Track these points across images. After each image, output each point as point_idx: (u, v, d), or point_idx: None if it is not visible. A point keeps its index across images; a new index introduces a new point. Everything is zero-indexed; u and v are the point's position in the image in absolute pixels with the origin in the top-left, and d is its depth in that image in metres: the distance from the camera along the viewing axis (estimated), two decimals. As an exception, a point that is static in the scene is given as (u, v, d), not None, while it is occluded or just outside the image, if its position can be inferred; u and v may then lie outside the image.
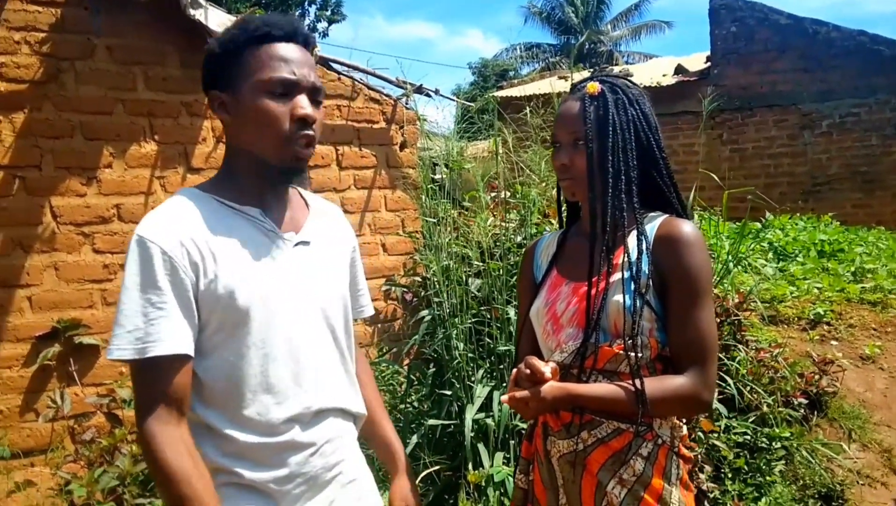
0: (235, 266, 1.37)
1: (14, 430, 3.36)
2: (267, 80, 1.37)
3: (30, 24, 3.40)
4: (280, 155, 1.40)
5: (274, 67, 1.38)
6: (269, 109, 1.37)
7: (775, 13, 10.23)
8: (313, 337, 1.46)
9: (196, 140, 3.82)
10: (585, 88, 1.65)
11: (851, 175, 9.85)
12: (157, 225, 1.33)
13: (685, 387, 1.50)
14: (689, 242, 1.54)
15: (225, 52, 1.41)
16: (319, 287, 1.48)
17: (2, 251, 3.35)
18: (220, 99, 1.42)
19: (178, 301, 1.31)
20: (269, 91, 1.38)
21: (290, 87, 1.39)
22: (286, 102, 1.39)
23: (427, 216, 4.00)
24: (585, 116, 1.61)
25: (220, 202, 1.42)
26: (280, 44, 1.40)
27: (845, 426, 3.88)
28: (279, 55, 1.39)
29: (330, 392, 1.48)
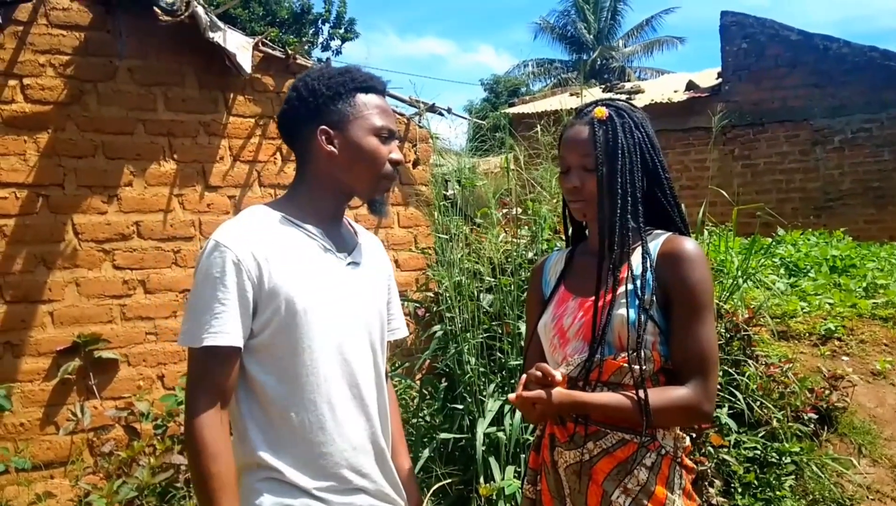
0: (295, 275, 1.54)
1: (35, 442, 3.43)
2: (380, 125, 1.61)
3: (54, 47, 3.51)
4: (375, 189, 1.65)
5: (382, 116, 1.63)
6: (378, 150, 1.61)
7: (786, 29, 10.27)
8: (359, 346, 1.63)
9: (214, 159, 3.91)
10: (593, 113, 1.71)
11: (864, 190, 9.83)
12: (231, 233, 1.52)
13: (687, 398, 1.56)
14: (691, 259, 1.60)
15: (335, 95, 1.60)
16: (367, 303, 1.67)
17: (25, 267, 3.44)
18: (329, 134, 1.60)
19: (240, 301, 1.49)
20: (378, 135, 1.61)
21: (392, 135, 1.64)
22: (386, 143, 1.63)
23: (439, 232, 4.06)
24: (595, 141, 1.67)
25: (286, 219, 1.59)
26: (381, 95, 1.66)
27: (855, 442, 3.89)
28: (383, 106, 1.65)
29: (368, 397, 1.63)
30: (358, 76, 1.62)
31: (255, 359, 1.54)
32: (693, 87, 11.26)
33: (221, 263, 1.49)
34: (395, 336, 1.84)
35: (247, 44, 3.90)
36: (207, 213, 3.89)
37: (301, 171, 1.67)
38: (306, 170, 1.65)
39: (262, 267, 1.51)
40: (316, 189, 1.64)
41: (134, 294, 3.67)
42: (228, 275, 1.48)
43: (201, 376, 1.49)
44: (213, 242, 1.51)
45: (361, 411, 1.61)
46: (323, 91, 1.59)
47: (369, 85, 1.62)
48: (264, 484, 1.51)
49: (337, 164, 1.60)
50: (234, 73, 3.87)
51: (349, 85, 1.60)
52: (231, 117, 3.97)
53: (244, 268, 1.49)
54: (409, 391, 3.94)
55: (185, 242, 3.81)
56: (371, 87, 1.62)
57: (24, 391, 3.42)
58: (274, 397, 1.53)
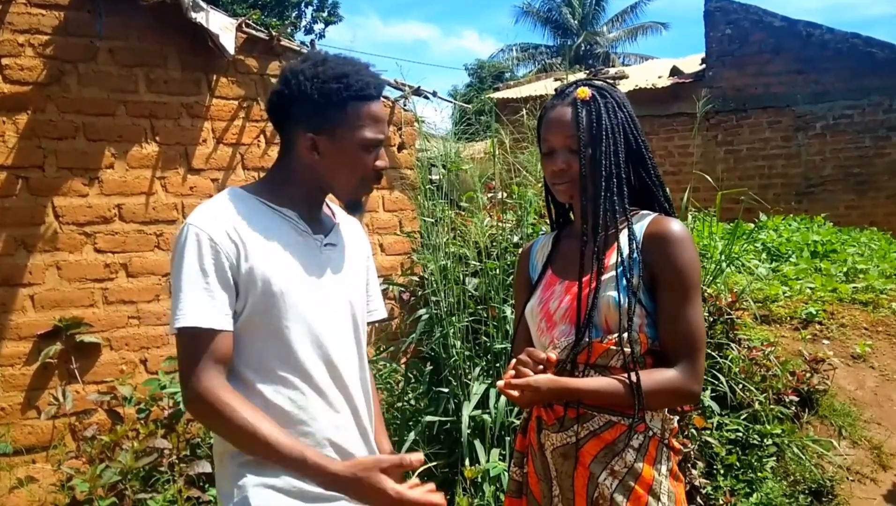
0: (271, 257, 1.54)
1: (16, 427, 3.39)
2: (365, 137, 1.58)
3: (33, 26, 3.44)
4: (354, 194, 1.65)
5: (371, 127, 1.59)
6: (362, 161, 1.60)
7: (769, 16, 10.30)
8: (337, 326, 1.63)
9: (196, 141, 3.87)
10: (575, 94, 1.70)
11: (845, 176, 9.92)
12: (206, 217, 1.53)
13: (675, 379, 1.56)
14: (678, 240, 1.60)
15: (327, 102, 1.56)
16: (344, 284, 1.67)
17: (5, 251, 3.39)
18: (314, 141, 1.58)
19: (221, 283, 1.49)
20: (364, 146, 1.59)
21: (379, 143, 1.62)
22: (373, 154, 1.61)
23: (425, 216, 4.05)
24: (579, 122, 1.66)
25: (261, 202, 1.60)
26: (374, 104, 1.60)
27: (836, 424, 3.95)
28: (374, 115, 1.60)
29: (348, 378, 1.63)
30: (353, 83, 1.56)
31: (235, 340, 1.53)
32: (677, 72, 11.27)
33: (198, 246, 1.49)
34: (373, 317, 1.84)
35: (230, 25, 3.85)
36: (190, 196, 3.85)
37: (283, 159, 1.66)
38: (288, 161, 1.64)
39: (239, 248, 1.51)
40: (295, 179, 1.63)
41: (116, 278, 3.63)
42: (206, 257, 1.49)
43: (192, 355, 1.47)
44: (188, 225, 1.51)
45: (342, 390, 1.61)
46: (314, 97, 1.55)
47: (364, 93, 1.57)
48: (246, 467, 1.51)
49: (319, 167, 1.60)
50: (216, 55, 3.82)
51: (342, 93, 1.55)
52: (214, 99, 3.93)
53: (221, 250, 1.49)
54: (394, 375, 3.94)
55: (167, 225, 3.77)
56: (366, 94, 1.57)
57: (4, 375, 3.38)
58: (253, 378, 1.53)
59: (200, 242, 1.49)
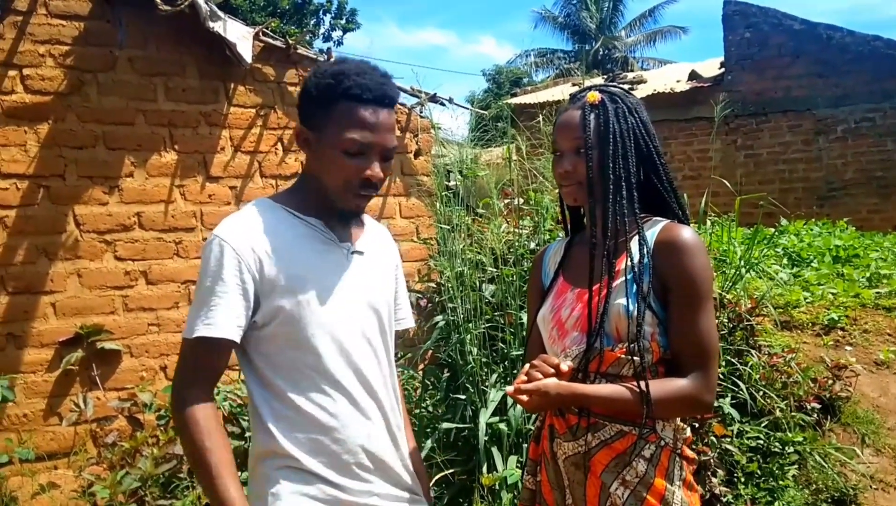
0: (296, 267, 1.55)
1: (38, 433, 3.44)
2: (348, 139, 1.53)
3: (54, 37, 3.49)
4: (342, 200, 1.59)
5: (357, 130, 1.53)
6: (343, 165, 1.55)
7: (789, 19, 10.21)
8: (364, 335, 1.63)
9: (215, 149, 3.90)
10: (585, 98, 1.70)
11: (867, 180, 9.80)
12: (232, 228, 1.55)
13: (687, 389, 1.55)
14: (689, 248, 1.59)
15: (319, 98, 1.56)
16: (371, 292, 1.67)
17: (26, 259, 3.43)
18: (306, 136, 1.59)
19: (239, 294, 1.51)
20: (346, 149, 1.53)
21: (365, 149, 1.54)
22: (360, 160, 1.54)
23: (441, 223, 4.05)
24: (586, 125, 1.66)
25: (288, 212, 1.61)
26: (367, 107, 1.53)
27: (858, 431, 3.89)
28: (364, 119, 1.53)
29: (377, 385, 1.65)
30: (348, 81, 1.53)
31: (263, 351, 1.57)
32: (696, 76, 11.21)
33: (219, 257, 1.52)
34: (401, 326, 1.85)
35: (247, 34, 3.88)
36: (209, 203, 3.88)
37: (303, 166, 1.70)
38: (304, 163, 1.68)
39: (263, 260, 1.53)
40: (306, 185, 1.65)
41: (136, 285, 3.67)
42: (227, 269, 1.51)
43: (191, 365, 1.52)
44: (214, 236, 1.55)
45: (372, 398, 1.62)
46: (312, 92, 1.57)
47: (355, 93, 1.52)
48: (281, 472, 1.54)
49: (313, 164, 1.62)
50: (234, 64, 3.86)
51: (335, 90, 1.54)
52: (232, 108, 3.96)
53: (243, 261, 1.51)
54: (411, 382, 3.94)
55: (186, 232, 3.80)
56: (356, 95, 1.52)
57: (27, 382, 3.42)
58: (284, 387, 1.56)
59: (224, 253, 1.52)
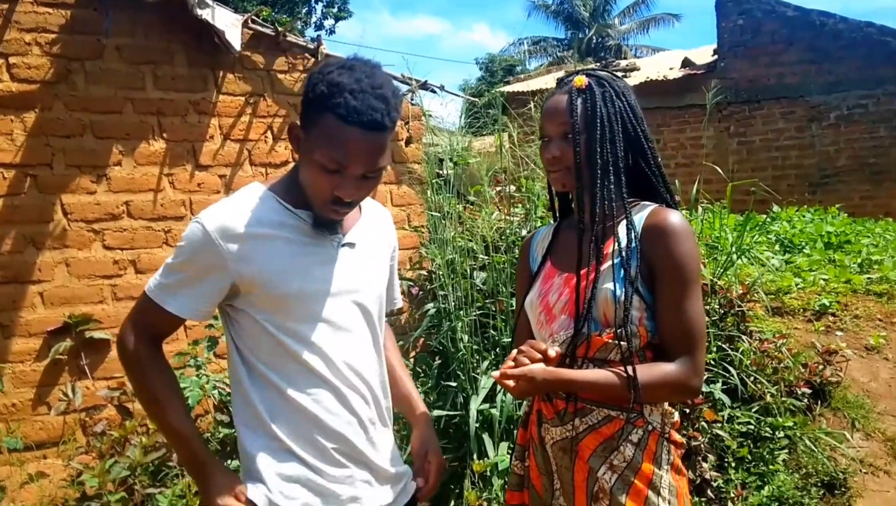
0: (278, 259, 1.55)
1: (27, 423, 3.42)
2: (324, 155, 1.47)
3: (40, 25, 3.46)
4: (316, 208, 1.56)
5: (335, 148, 1.46)
6: (316, 178, 1.51)
7: (782, 5, 10.20)
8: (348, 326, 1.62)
9: (204, 138, 3.87)
10: (572, 82, 1.68)
11: (859, 167, 9.81)
12: (216, 215, 1.55)
13: (675, 373, 1.54)
14: (677, 232, 1.58)
15: (312, 102, 1.50)
16: (360, 283, 1.65)
17: (14, 248, 3.41)
18: (297, 133, 1.56)
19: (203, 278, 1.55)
20: (321, 164, 1.48)
21: (340, 168, 1.48)
22: (335, 176, 1.49)
23: (432, 211, 4.05)
24: (573, 109, 1.64)
25: (278, 201, 1.59)
26: (352, 128, 1.44)
27: (849, 416, 3.90)
28: (346, 139, 1.45)
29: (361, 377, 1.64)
30: (339, 98, 1.44)
31: (245, 337, 1.59)
32: (689, 64, 11.19)
33: (197, 240, 1.54)
34: (390, 308, 1.84)
35: (236, 21, 3.85)
36: (198, 192, 3.86)
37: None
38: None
39: (243, 250, 1.52)
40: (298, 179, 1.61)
41: (125, 274, 3.65)
42: (200, 253, 1.53)
43: (141, 316, 1.62)
44: (197, 219, 1.55)
45: (353, 390, 1.61)
46: (309, 93, 1.52)
47: (341, 113, 1.44)
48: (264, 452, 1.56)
49: (299, 160, 1.60)
50: (223, 51, 3.83)
51: (326, 101, 1.46)
52: (221, 96, 3.93)
53: (222, 249, 1.52)
54: (402, 370, 3.94)
55: (175, 221, 3.78)
56: (342, 115, 1.44)
57: (15, 372, 3.41)
58: (268, 374, 1.57)
59: (200, 237, 1.52)
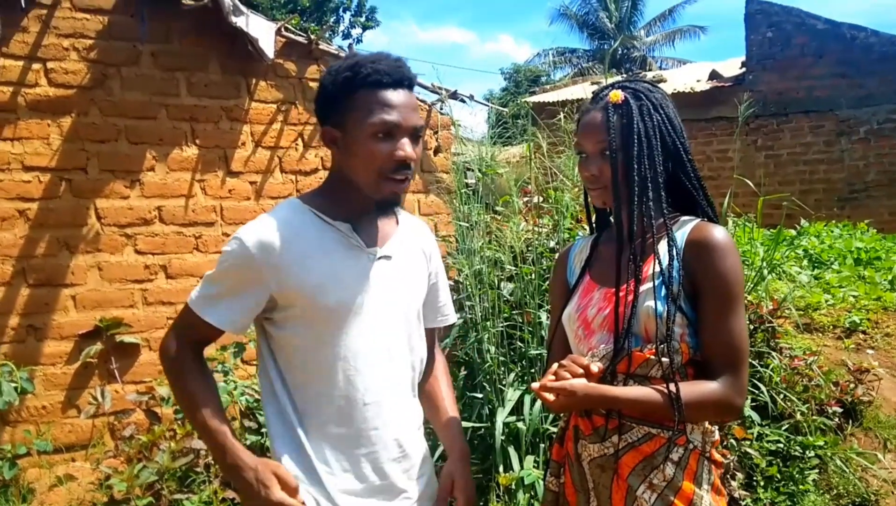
0: (318, 273, 1.55)
1: (56, 425, 3.46)
2: (375, 122, 1.51)
3: (78, 31, 3.51)
4: (378, 190, 1.57)
5: (381, 112, 1.52)
6: (373, 150, 1.53)
7: (812, 18, 10.12)
8: (384, 342, 1.63)
9: (235, 144, 3.91)
10: (608, 97, 1.65)
11: (889, 182, 9.68)
12: (256, 231, 1.56)
13: (718, 392, 1.51)
14: (721, 248, 1.55)
15: (338, 93, 1.55)
16: (395, 298, 1.65)
17: (48, 251, 3.45)
18: (332, 135, 1.58)
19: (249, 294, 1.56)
20: (374, 134, 1.52)
21: (393, 130, 1.53)
22: (390, 143, 1.53)
23: (460, 220, 4.04)
24: (609, 126, 1.61)
25: (315, 215, 1.60)
26: (388, 90, 1.53)
27: (881, 436, 3.84)
28: (387, 101, 1.52)
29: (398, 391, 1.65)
30: (363, 70, 1.52)
31: (283, 352, 1.61)
32: (716, 76, 11.12)
33: (237, 256, 1.55)
34: (444, 323, 1.85)
35: (269, 29, 3.89)
36: (229, 198, 3.89)
37: (331, 166, 1.69)
38: (332, 163, 1.67)
39: (283, 265, 1.54)
40: (339, 183, 1.63)
41: (155, 279, 3.68)
42: (239, 268, 1.55)
43: (185, 326, 1.64)
44: (237, 236, 1.57)
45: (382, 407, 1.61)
46: (329, 88, 1.57)
47: (374, 79, 1.52)
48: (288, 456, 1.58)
49: (342, 162, 1.60)
50: (256, 59, 3.86)
51: (353, 81, 1.53)
52: (253, 103, 3.96)
53: (263, 264, 1.53)
54: (428, 379, 3.93)
55: (206, 227, 3.81)
56: (376, 80, 1.52)
57: (46, 374, 3.45)
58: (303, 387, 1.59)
59: (239, 253, 1.54)
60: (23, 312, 3.40)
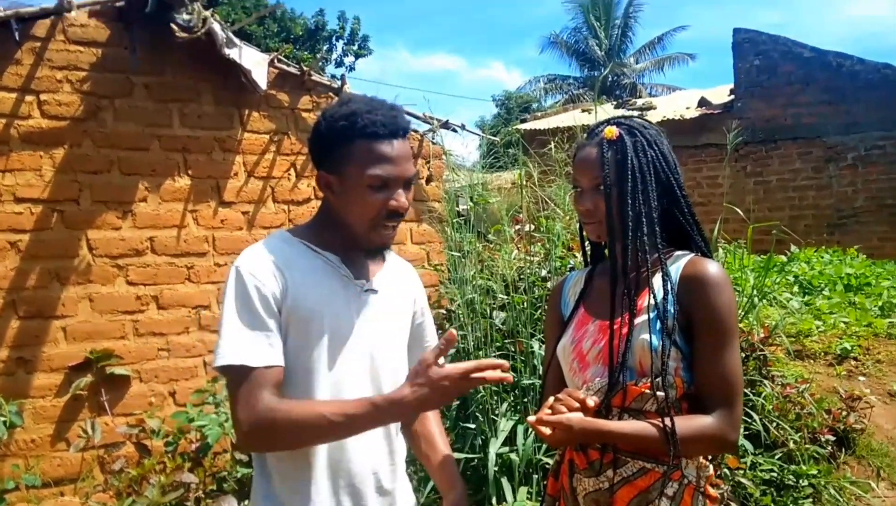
0: (312, 300, 1.56)
1: (45, 459, 3.42)
2: (371, 175, 1.54)
3: (71, 63, 3.52)
4: (369, 238, 1.60)
5: (378, 165, 1.54)
6: (369, 201, 1.55)
7: (798, 46, 10.24)
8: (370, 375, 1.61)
9: (228, 175, 3.92)
10: (603, 133, 1.68)
11: (878, 208, 9.76)
12: (253, 259, 1.55)
13: (713, 427, 1.52)
14: (715, 283, 1.57)
15: (334, 141, 1.57)
16: (378, 331, 1.64)
17: (38, 283, 3.44)
18: (327, 180, 1.60)
19: (268, 316, 1.51)
20: (370, 185, 1.54)
21: (389, 182, 1.55)
22: (385, 193, 1.55)
23: (452, 249, 4.05)
24: (604, 162, 1.64)
25: (305, 245, 1.61)
26: (384, 142, 1.55)
27: (874, 464, 3.84)
28: (383, 154, 1.54)
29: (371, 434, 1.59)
30: (360, 121, 1.54)
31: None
32: (705, 103, 11.23)
33: (243, 285, 1.52)
34: None
35: (262, 60, 3.91)
36: (221, 228, 3.89)
37: (322, 204, 1.70)
38: (323, 203, 1.69)
39: (282, 286, 1.53)
40: (330, 221, 1.65)
41: (147, 310, 3.67)
42: (251, 295, 1.51)
43: (240, 391, 1.47)
44: (234, 267, 1.55)
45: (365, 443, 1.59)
46: (325, 134, 1.58)
47: (371, 130, 1.54)
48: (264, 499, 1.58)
49: (337, 206, 1.61)
50: (249, 90, 3.88)
51: (350, 130, 1.55)
52: (246, 133, 3.98)
53: (266, 286, 1.52)
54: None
55: (198, 257, 3.81)
56: (373, 132, 1.54)
57: (35, 407, 3.41)
58: None
59: (245, 282, 1.52)
60: (13, 345, 3.38)
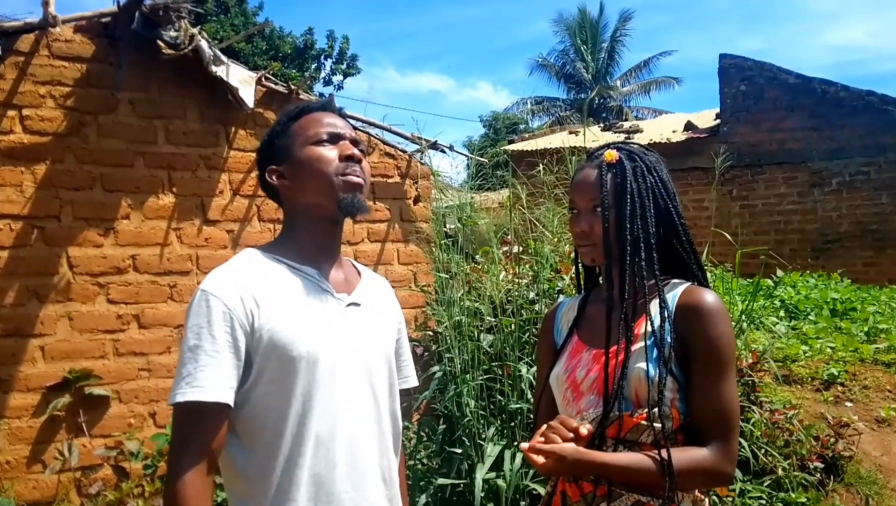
0: (291, 320, 1.46)
1: (20, 481, 3.33)
2: (313, 134, 1.57)
3: (55, 78, 3.48)
4: (335, 193, 1.54)
5: (317, 126, 1.58)
6: (321, 155, 1.55)
7: (784, 73, 10.37)
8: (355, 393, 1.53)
9: (213, 193, 3.87)
10: (603, 156, 1.66)
11: (862, 233, 9.85)
12: (220, 281, 1.45)
13: (709, 460, 1.48)
14: (713, 313, 1.54)
15: (275, 136, 1.62)
16: (368, 346, 1.58)
17: (17, 301, 3.37)
18: (278, 170, 1.59)
19: (231, 353, 1.41)
20: (318, 141, 1.56)
21: (334, 137, 1.58)
22: (334, 146, 1.57)
23: (440, 270, 4.01)
24: (602, 184, 1.62)
25: (279, 261, 1.53)
26: (318, 112, 1.62)
27: (862, 492, 3.81)
28: (319, 118, 1.60)
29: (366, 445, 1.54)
30: (292, 109, 1.64)
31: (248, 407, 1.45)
32: (691, 127, 11.32)
33: (208, 313, 1.41)
34: (404, 386, 1.76)
35: (249, 78, 3.88)
36: (205, 247, 3.83)
37: (284, 215, 1.65)
38: (284, 212, 1.64)
39: (254, 314, 1.43)
40: (298, 225, 1.59)
41: (127, 329, 3.60)
42: (216, 325, 1.40)
43: (185, 435, 1.38)
44: (201, 290, 1.44)
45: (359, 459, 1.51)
46: (265, 139, 1.64)
47: (301, 109, 1.63)
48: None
49: (295, 191, 1.58)
50: (236, 108, 3.85)
51: (283, 120, 1.62)
52: (232, 151, 3.94)
53: (235, 316, 1.41)
54: (406, 433, 3.85)
55: (181, 276, 3.75)
56: (303, 110, 1.63)
57: (11, 428, 3.33)
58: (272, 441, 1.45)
59: (212, 308, 1.41)
60: (-11, 364, 3.30)
